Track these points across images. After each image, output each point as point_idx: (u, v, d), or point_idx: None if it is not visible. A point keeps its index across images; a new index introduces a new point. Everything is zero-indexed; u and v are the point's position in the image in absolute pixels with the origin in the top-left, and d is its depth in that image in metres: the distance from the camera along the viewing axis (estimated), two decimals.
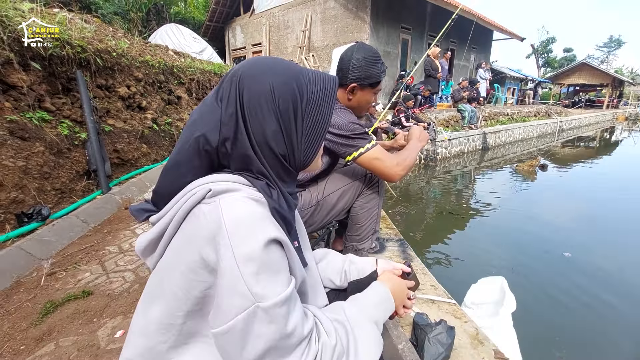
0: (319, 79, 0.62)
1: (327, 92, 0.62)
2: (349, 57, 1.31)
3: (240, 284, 0.48)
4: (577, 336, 2.28)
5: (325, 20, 10.09)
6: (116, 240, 2.25)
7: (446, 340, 1.25)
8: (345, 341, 0.58)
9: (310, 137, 0.62)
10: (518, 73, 19.90)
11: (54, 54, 2.69)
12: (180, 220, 0.55)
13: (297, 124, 0.59)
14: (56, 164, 2.55)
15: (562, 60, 38.72)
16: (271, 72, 0.58)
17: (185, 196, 0.55)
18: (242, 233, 0.49)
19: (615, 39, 43.47)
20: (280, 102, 0.57)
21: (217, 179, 0.56)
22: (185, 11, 14.10)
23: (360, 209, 1.46)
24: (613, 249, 3.59)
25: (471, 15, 10.22)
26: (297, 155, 0.61)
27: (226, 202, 0.52)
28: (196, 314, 0.55)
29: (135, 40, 4.79)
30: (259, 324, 0.48)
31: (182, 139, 0.58)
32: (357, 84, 1.32)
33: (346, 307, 0.66)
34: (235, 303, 0.48)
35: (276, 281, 0.51)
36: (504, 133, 9.96)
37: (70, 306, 1.53)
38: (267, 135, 0.57)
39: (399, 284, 0.79)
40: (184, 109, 5.00)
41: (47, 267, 1.82)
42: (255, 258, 0.49)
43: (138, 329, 0.58)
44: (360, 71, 1.30)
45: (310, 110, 0.60)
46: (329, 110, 0.63)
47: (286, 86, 0.58)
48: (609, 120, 21.51)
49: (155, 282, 0.58)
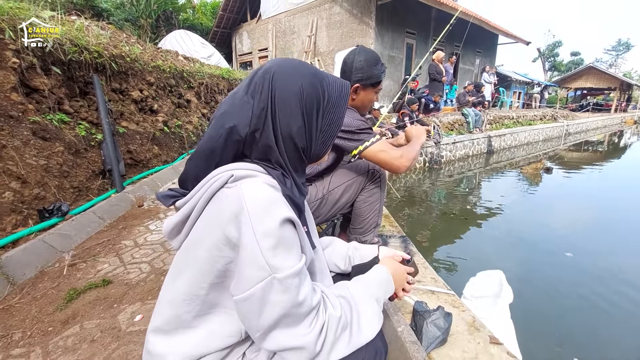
0: (337, 82, 0.71)
1: (343, 94, 0.72)
2: (351, 60, 1.42)
3: (259, 257, 0.54)
4: (576, 331, 2.32)
5: (330, 26, 10.24)
6: (131, 235, 2.36)
7: (443, 324, 1.33)
8: (349, 314, 0.65)
9: (326, 133, 0.70)
10: (524, 77, 19.85)
11: (73, 59, 2.83)
12: (205, 203, 0.61)
13: (318, 121, 0.68)
14: (74, 164, 2.68)
15: (569, 63, 38.50)
16: (300, 74, 0.66)
17: (210, 181, 0.61)
18: (261, 212, 0.56)
19: (624, 42, 43.10)
20: (307, 101, 0.65)
21: (238, 167, 0.62)
22: (193, 17, 14.40)
23: (363, 202, 1.54)
24: (615, 250, 3.61)
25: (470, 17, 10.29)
26: (314, 149, 0.70)
27: (247, 186, 0.58)
28: (219, 286, 0.61)
29: (147, 46, 4.96)
30: (275, 292, 0.55)
31: (212, 128, 0.65)
32: (360, 84, 1.42)
33: (350, 285, 0.73)
34: (254, 273, 0.55)
35: (290, 255, 0.58)
36: (509, 136, 9.97)
37: (91, 293, 1.63)
38: (292, 130, 0.64)
39: (398, 268, 0.86)
40: (193, 112, 5.14)
41: (68, 259, 1.93)
42: (272, 234, 0.55)
43: (166, 299, 0.65)
44: (363, 72, 1.40)
45: (329, 109, 0.69)
46: (343, 110, 0.72)
47: (313, 87, 0.66)
48: (617, 124, 21.31)
49: (181, 258, 0.65)
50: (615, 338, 2.30)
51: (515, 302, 1.94)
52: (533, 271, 3.10)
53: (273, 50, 12.76)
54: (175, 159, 4.28)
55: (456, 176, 6.98)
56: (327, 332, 0.60)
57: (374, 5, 8.82)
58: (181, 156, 4.42)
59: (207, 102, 5.68)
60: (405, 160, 1.35)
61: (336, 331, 0.61)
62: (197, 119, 5.20)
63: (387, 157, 1.34)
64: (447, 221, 4.43)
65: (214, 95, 5.84)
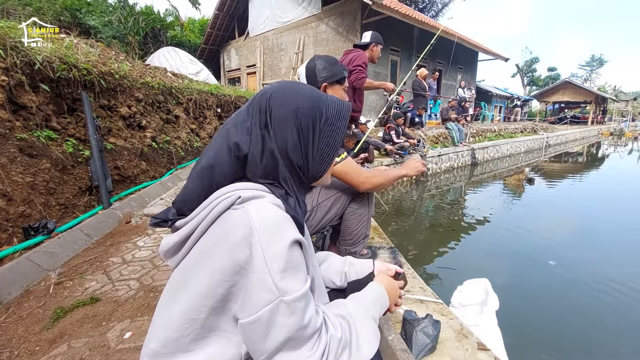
0: (336, 103, 0.72)
1: (342, 115, 0.72)
2: (312, 66, 1.54)
3: (268, 280, 0.54)
4: (561, 337, 2.38)
5: (317, 43, 10.51)
6: (119, 252, 2.33)
7: (432, 332, 1.36)
8: (348, 334, 0.65)
9: (324, 152, 0.70)
10: (504, 92, 20.63)
11: (62, 76, 2.84)
12: (209, 223, 0.60)
13: (315, 140, 0.68)
14: (61, 180, 2.65)
15: (546, 78, 40.23)
16: (298, 93, 0.68)
17: (215, 202, 0.60)
18: (270, 235, 0.56)
19: (597, 58, 45.38)
20: (302, 119, 0.66)
21: (244, 187, 0.62)
22: (181, 35, 14.52)
23: (352, 214, 1.59)
24: (595, 258, 3.74)
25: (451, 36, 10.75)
26: (311, 168, 0.70)
27: (255, 208, 0.58)
28: (218, 310, 0.59)
29: (136, 63, 4.99)
30: (282, 315, 0.55)
31: (215, 145, 0.66)
32: (327, 82, 1.54)
33: (347, 303, 0.73)
34: (262, 296, 0.54)
35: (297, 278, 0.58)
36: (492, 149, 10.27)
37: (79, 312, 1.61)
38: (287, 147, 0.66)
39: (392, 284, 0.88)
40: (181, 127, 5.15)
41: (54, 277, 1.90)
42: (282, 257, 0.55)
43: (162, 322, 0.62)
44: (326, 72, 1.53)
45: (326, 129, 0.70)
46: (342, 131, 0.72)
47: (309, 107, 0.68)
48: (594, 135, 22.20)
49: (180, 279, 0.63)
50: (598, 343, 2.36)
51: (501, 309, 1.99)
52: (518, 279, 3.18)
53: (261, 67, 12.95)
54: (163, 175, 4.26)
55: (443, 188, 7.13)
56: (328, 353, 0.60)
57: (358, 24, 9.13)
58: (169, 172, 4.40)
59: (196, 118, 5.70)
60: (366, 181, 1.45)
61: (337, 352, 0.61)
62: (186, 134, 5.21)
63: (347, 177, 1.44)
64: (434, 232, 4.51)
65: (203, 111, 5.87)
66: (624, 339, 2.38)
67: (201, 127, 5.81)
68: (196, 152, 5.39)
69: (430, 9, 20.22)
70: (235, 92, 7.19)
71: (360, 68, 2.70)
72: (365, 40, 2.88)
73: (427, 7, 20.07)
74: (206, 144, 5.79)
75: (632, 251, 3.90)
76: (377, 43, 2.87)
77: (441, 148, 8.19)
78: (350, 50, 2.88)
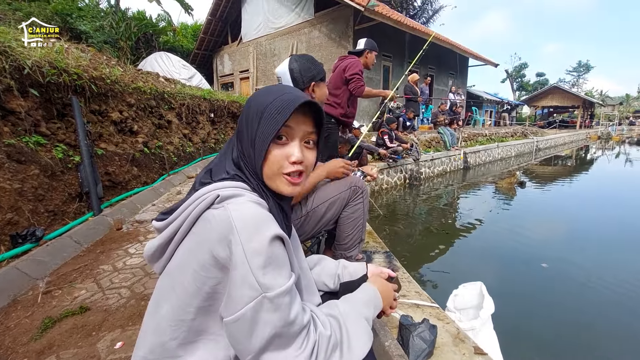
0: (284, 100, 0.66)
1: (285, 109, 0.65)
2: (296, 66, 1.53)
3: (249, 276, 0.54)
4: (555, 339, 2.39)
5: (310, 49, 10.56)
6: (110, 259, 2.29)
7: (429, 337, 1.36)
8: (338, 333, 0.64)
9: (260, 140, 0.66)
10: (494, 97, 20.95)
11: (52, 81, 2.80)
12: (190, 224, 0.60)
13: (257, 129, 0.66)
14: (50, 187, 2.60)
15: (535, 83, 41.09)
16: (265, 93, 0.70)
17: (195, 202, 0.61)
18: (250, 231, 0.56)
19: (584, 64, 46.52)
20: (251, 109, 0.69)
21: (223, 186, 0.62)
22: (174, 40, 14.48)
23: (347, 219, 1.58)
24: (585, 259, 3.79)
25: (442, 42, 10.91)
26: (253, 156, 0.67)
27: (234, 205, 0.58)
28: (205, 310, 0.59)
29: (128, 68, 4.95)
30: (266, 312, 0.54)
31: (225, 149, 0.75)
32: (315, 81, 1.54)
33: (339, 304, 0.73)
34: (245, 293, 0.54)
35: (280, 273, 0.57)
36: (483, 153, 10.39)
37: (68, 321, 1.56)
38: (240, 134, 0.70)
39: (386, 286, 0.87)
40: (174, 132, 5.11)
41: (42, 286, 1.85)
42: (262, 253, 0.55)
43: (149, 327, 0.62)
44: (312, 71, 1.53)
45: (266, 119, 0.65)
46: (279, 124, 0.65)
47: (260, 103, 0.68)
48: (582, 139, 22.63)
49: (165, 282, 0.63)
50: (591, 344, 2.38)
51: (496, 312, 2.00)
52: (511, 282, 3.20)
53: (254, 72, 12.96)
54: (155, 180, 4.21)
55: (436, 192, 7.17)
56: (317, 352, 0.58)
57: (351, 30, 9.21)
58: (161, 177, 4.35)
59: (189, 123, 5.66)
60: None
61: (327, 351, 0.60)
62: (179, 139, 5.16)
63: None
64: (428, 236, 4.53)
65: (196, 116, 5.83)
66: (615, 340, 2.40)
67: (194, 132, 5.77)
68: (189, 158, 5.34)
69: (421, 16, 20.51)
70: (229, 97, 7.16)
71: (358, 76, 2.71)
72: (359, 47, 2.91)
73: (418, 14, 20.36)
74: (199, 149, 5.77)
75: (621, 252, 3.96)
76: (371, 50, 2.89)
77: (434, 152, 8.26)
78: (344, 57, 2.89)
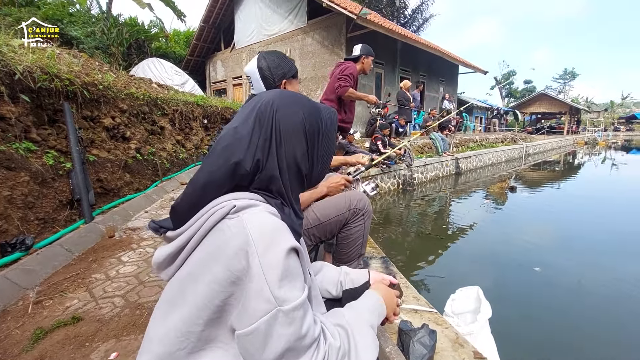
0: (328, 110, 0.76)
1: (333, 120, 0.76)
2: (265, 64, 1.44)
3: (265, 289, 0.53)
4: (551, 342, 2.41)
5: (303, 56, 10.63)
6: (102, 268, 2.24)
7: (429, 342, 1.36)
8: (346, 343, 0.64)
9: (324, 157, 0.74)
10: (484, 103, 21.33)
11: (43, 86, 2.76)
12: (204, 234, 0.59)
13: (318, 146, 0.71)
14: (40, 194, 2.54)
15: (523, 90, 41.99)
16: (301, 103, 0.70)
17: (209, 212, 0.59)
18: (267, 242, 0.55)
19: (570, 71, 47.80)
20: (309, 128, 0.68)
21: (239, 197, 0.61)
22: (166, 46, 14.44)
23: (345, 238, 1.55)
24: (577, 262, 3.85)
25: (435, 50, 11.10)
26: (315, 173, 0.73)
27: (250, 216, 0.57)
28: (215, 322, 0.58)
29: (120, 74, 4.91)
30: (280, 325, 0.53)
31: (214, 161, 0.63)
32: (286, 79, 1.48)
33: (345, 312, 0.72)
34: (260, 306, 0.53)
35: (295, 286, 0.56)
36: (474, 158, 10.53)
37: (60, 332, 1.52)
38: (297, 157, 0.67)
39: (389, 292, 0.86)
40: (167, 138, 5.07)
41: (33, 296, 1.80)
42: (279, 265, 0.55)
43: (157, 336, 0.60)
44: (282, 68, 1.46)
45: (326, 134, 0.73)
46: (335, 135, 0.77)
47: (313, 115, 0.70)
48: (570, 145, 23.09)
49: (174, 292, 0.61)
50: (584, 345, 2.40)
51: (493, 316, 2.00)
52: (506, 286, 3.22)
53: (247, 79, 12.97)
54: (148, 187, 4.16)
55: (429, 197, 7.22)
56: None
57: (343, 37, 9.31)
58: (154, 184, 4.30)
59: (182, 129, 5.63)
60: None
61: None
62: (172, 145, 5.12)
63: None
64: (423, 240, 4.54)
65: (189, 122, 5.80)
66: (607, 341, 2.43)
67: (187, 138, 5.73)
68: (182, 164, 5.30)
69: (412, 24, 20.88)
70: (222, 103, 7.15)
71: (347, 77, 2.75)
72: (355, 53, 2.94)
73: (408, 22, 20.73)
74: (192, 155, 5.73)
75: (610, 253, 4.03)
76: (367, 55, 2.93)
77: (426, 158, 8.34)
78: (341, 63, 2.93)
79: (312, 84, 10.46)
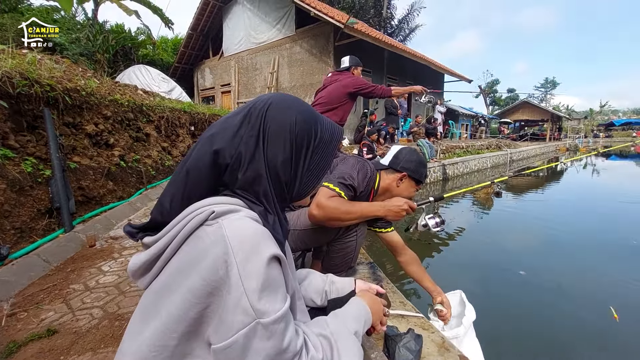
0: (331, 125, 0.72)
1: (335, 138, 0.71)
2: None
3: (244, 300, 0.50)
4: (535, 344, 2.44)
5: (291, 64, 10.71)
6: (81, 278, 2.17)
7: (415, 347, 1.35)
8: (329, 354, 0.63)
9: (313, 173, 0.69)
10: (470, 111, 21.82)
11: (22, 92, 2.69)
12: (181, 241, 0.56)
13: (306, 159, 0.67)
14: (17, 202, 2.46)
15: (506, 99, 43.15)
16: (297, 108, 0.66)
17: (187, 218, 0.56)
18: (247, 250, 0.52)
19: (551, 80, 49.50)
20: (297, 135, 0.64)
21: (218, 201, 0.58)
22: (153, 53, 14.34)
23: (335, 252, 1.55)
24: (561, 265, 3.92)
25: (421, 59, 11.33)
26: (297, 187, 0.67)
27: (230, 223, 0.54)
28: (190, 336, 0.55)
29: (105, 80, 4.83)
30: (259, 339, 0.51)
31: (199, 148, 0.62)
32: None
33: (329, 321, 0.70)
34: (238, 319, 0.50)
35: (276, 298, 0.54)
36: (460, 164, 10.70)
37: (34, 346, 1.46)
38: (277, 162, 0.63)
39: (375, 301, 0.85)
40: (152, 146, 4.99)
41: (7, 308, 1.72)
42: (259, 275, 0.52)
43: (129, 350, 0.57)
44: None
45: (319, 148, 0.68)
46: (332, 153, 0.71)
47: (306, 123, 0.66)
48: (552, 151, 23.70)
49: (149, 303, 0.58)
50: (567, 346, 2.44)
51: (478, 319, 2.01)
52: (491, 290, 3.25)
53: (236, 86, 12.96)
54: (132, 195, 4.07)
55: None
56: None
57: (331, 45, 9.43)
58: (138, 191, 4.22)
59: (168, 136, 5.55)
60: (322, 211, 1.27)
61: None
62: (157, 152, 5.04)
63: (316, 199, 1.30)
64: (411, 246, 4.49)
65: (175, 129, 5.73)
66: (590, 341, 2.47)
67: (173, 145, 5.66)
68: (167, 171, 5.21)
69: (399, 34, 21.32)
70: (210, 110, 7.10)
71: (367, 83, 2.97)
72: (344, 65, 3.01)
73: (395, 32, 21.16)
74: (178, 162, 5.65)
75: (593, 256, 4.12)
76: (356, 66, 3.01)
77: None
78: (337, 73, 2.99)
79: (300, 92, 10.51)
